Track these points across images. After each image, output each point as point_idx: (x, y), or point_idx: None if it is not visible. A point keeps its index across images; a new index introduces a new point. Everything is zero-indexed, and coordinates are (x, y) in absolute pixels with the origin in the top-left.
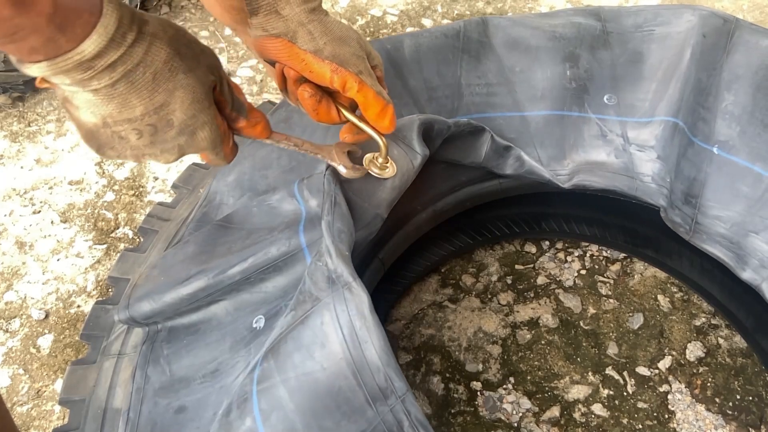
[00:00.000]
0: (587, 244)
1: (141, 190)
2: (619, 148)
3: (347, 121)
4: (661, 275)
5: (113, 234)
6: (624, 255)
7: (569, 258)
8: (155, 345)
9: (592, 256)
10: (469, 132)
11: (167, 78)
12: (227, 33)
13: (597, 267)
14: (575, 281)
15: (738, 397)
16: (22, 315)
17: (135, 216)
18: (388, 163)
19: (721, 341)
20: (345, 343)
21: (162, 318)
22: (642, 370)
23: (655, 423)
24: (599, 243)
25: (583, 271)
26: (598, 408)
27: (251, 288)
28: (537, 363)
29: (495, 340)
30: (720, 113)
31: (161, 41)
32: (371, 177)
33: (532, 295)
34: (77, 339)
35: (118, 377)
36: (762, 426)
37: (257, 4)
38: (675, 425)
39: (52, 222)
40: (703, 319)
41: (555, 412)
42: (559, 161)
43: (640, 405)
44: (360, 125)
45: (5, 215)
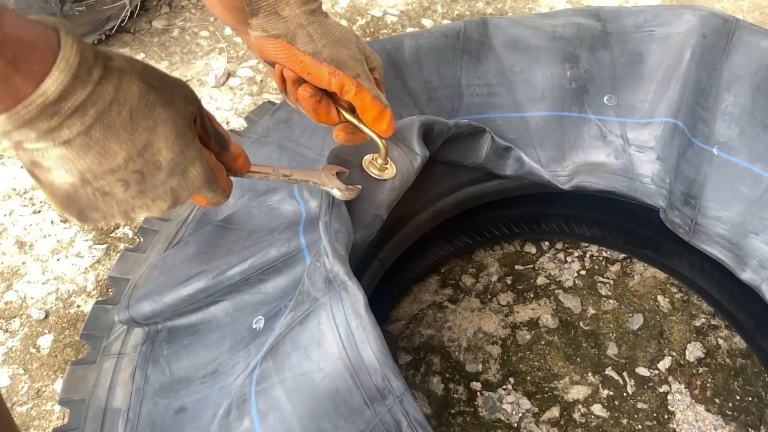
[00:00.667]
0: (587, 244)
1: None
2: (619, 149)
3: (347, 122)
4: (661, 276)
5: (113, 234)
6: (624, 255)
7: (569, 258)
8: (155, 345)
9: (591, 256)
10: (470, 133)
11: (145, 115)
12: (227, 33)
13: (597, 267)
14: (575, 282)
15: (738, 398)
16: (21, 315)
17: None
18: (387, 165)
19: (721, 342)
20: (341, 343)
21: (162, 318)
22: (642, 370)
23: (655, 423)
24: (599, 243)
25: (583, 272)
26: (597, 408)
27: (251, 289)
28: (537, 363)
29: (495, 340)
30: (720, 114)
31: (131, 75)
32: (371, 178)
33: (531, 296)
34: (77, 339)
35: (117, 377)
36: (762, 426)
37: (258, 4)
38: (675, 426)
39: (52, 222)
40: (703, 320)
41: (555, 412)
42: (559, 162)
43: (639, 405)
44: (360, 126)
45: (5, 215)
